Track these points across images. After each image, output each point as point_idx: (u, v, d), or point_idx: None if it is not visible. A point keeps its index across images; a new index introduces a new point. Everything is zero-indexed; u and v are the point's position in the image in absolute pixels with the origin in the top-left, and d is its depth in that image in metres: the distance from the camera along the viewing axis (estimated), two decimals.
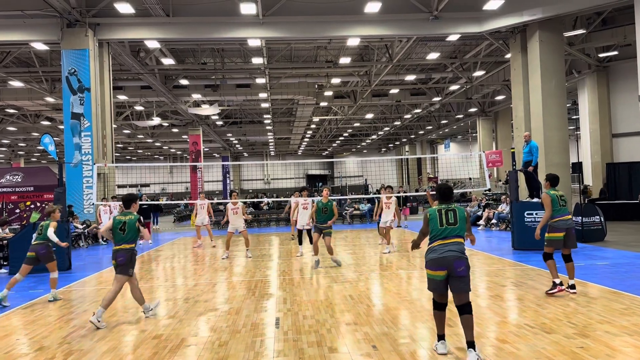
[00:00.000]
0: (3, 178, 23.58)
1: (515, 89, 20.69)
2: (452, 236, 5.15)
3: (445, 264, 5.07)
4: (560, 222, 7.73)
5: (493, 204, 21.65)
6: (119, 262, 6.97)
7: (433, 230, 5.23)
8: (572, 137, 35.22)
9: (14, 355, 5.68)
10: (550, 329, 5.92)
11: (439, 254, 5.09)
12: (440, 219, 5.20)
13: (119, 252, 6.99)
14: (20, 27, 18.30)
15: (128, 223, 7.04)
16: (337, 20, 19.12)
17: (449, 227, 5.18)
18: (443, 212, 5.23)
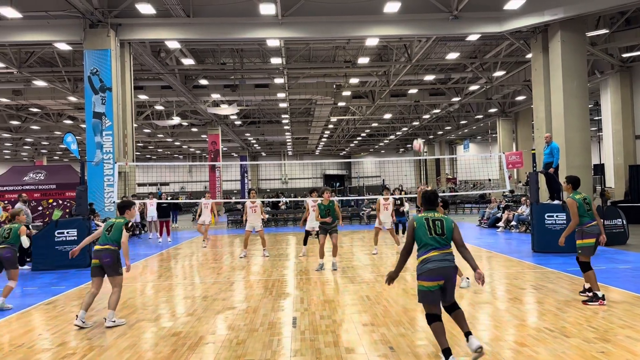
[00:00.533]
0: (26, 176, 24.08)
1: (536, 89, 20.42)
2: (444, 246, 4.99)
3: (444, 273, 4.92)
4: (592, 227, 7.39)
5: (513, 205, 21.42)
6: (106, 262, 6.90)
7: (422, 239, 5.00)
8: (594, 139, 34.69)
9: (36, 350, 5.80)
10: (570, 333, 5.85)
11: (436, 263, 4.89)
12: (428, 229, 5.00)
13: (104, 252, 6.92)
14: (44, 28, 18.63)
15: (115, 224, 7.10)
16: (356, 20, 19.09)
17: (437, 237, 4.98)
18: (430, 221, 5.04)
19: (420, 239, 4.99)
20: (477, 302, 7.53)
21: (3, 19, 17.93)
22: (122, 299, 8.41)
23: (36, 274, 11.63)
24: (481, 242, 15.42)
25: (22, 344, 6.03)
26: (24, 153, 59.95)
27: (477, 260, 9.56)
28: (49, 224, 12.44)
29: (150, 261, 13.42)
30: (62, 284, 10.12)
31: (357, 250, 14.19)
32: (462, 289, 8.39)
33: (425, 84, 31.36)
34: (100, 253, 6.94)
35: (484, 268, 10.85)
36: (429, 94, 34.79)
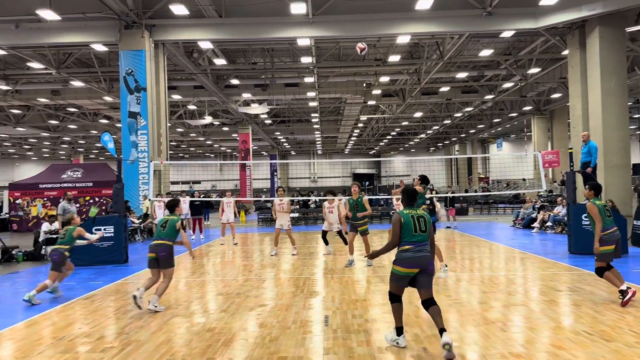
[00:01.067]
0: (65, 174, 24.80)
1: (573, 87, 19.94)
2: (424, 242, 5.44)
3: (420, 263, 5.36)
4: (611, 234, 7.44)
5: (548, 205, 20.96)
6: (161, 256, 7.55)
7: (406, 235, 5.40)
8: (633, 137, 33.66)
9: (76, 344, 5.97)
10: (610, 337, 5.69)
11: (413, 253, 5.35)
12: (413, 226, 5.40)
13: (160, 247, 7.58)
14: (82, 30, 19.15)
15: (170, 221, 7.75)
16: (387, 17, 18.99)
17: (421, 234, 5.42)
18: (415, 218, 5.43)
19: (406, 234, 5.40)
20: (511, 304, 7.41)
21: (42, 21, 18.47)
22: None
23: (74, 269, 11.93)
24: (515, 243, 15.15)
25: (63, 337, 6.22)
26: (61, 151, 61.73)
27: (510, 261, 9.41)
28: (87, 221, 12.77)
29: (183, 258, 13.64)
30: (100, 279, 10.38)
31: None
32: (441, 278, 8.66)
33: (458, 81, 30.98)
34: (157, 247, 7.59)
35: (517, 269, 10.67)
36: (461, 92, 34.33)
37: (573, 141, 19.76)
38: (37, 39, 19.27)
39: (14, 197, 24.48)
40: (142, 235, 18.62)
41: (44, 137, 47.40)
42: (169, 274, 7.66)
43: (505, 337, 5.81)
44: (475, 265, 11.36)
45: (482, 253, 13.41)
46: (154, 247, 7.61)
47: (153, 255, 7.61)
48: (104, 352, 5.59)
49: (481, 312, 6.98)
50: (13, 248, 13.67)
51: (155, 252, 7.59)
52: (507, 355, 5.20)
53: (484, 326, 6.26)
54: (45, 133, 43.77)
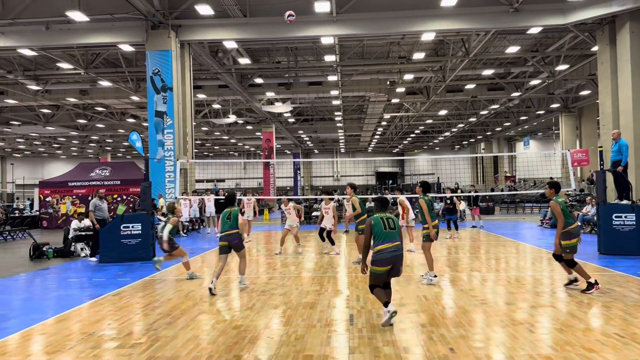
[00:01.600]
0: (93, 172, 25.28)
1: (603, 84, 19.50)
2: (394, 240, 6.34)
3: (394, 261, 6.34)
4: (576, 228, 8.14)
5: (577, 205, 20.55)
6: (234, 243, 8.80)
7: (378, 233, 6.36)
8: None
9: (105, 339, 6.08)
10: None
11: (389, 254, 6.29)
12: (383, 225, 6.39)
13: (232, 236, 8.79)
14: (109, 30, 19.49)
15: (232, 212, 8.88)
16: (412, 15, 18.85)
17: (390, 231, 6.37)
18: (384, 219, 6.45)
19: (377, 233, 6.36)
20: (538, 305, 7.29)
21: (72, 23, 18.85)
22: (184, 292, 8.72)
23: (103, 265, 12.20)
24: (542, 243, 14.90)
25: (93, 333, 6.34)
26: (89, 150, 62.96)
27: (537, 261, 9.25)
28: (115, 218, 13.00)
29: (208, 255, 13.80)
30: (128, 276, 10.56)
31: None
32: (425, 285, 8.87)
33: (483, 78, 30.59)
34: (229, 237, 8.77)
35: (544, 270, 10.49)
36: (487, 89, 33.85)
37: (602, 139, 19.33)
38: (67, 40, 19.68)
39: (44, 194, 25.06)
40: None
41: (72, 136, 48.40)
42: (242, 254, 9.00)
43: (533, 338, 5.72)
44: (502, 265, 11.21)
45: (508, 253, 13.23)
46: (226, 237, 8.75)
47: (226, 243, 8.75)
48: (132, 348, 5.68)
49: (508, 312, 6.89)
50: (44, 245, 14.01)
51: (228, 240, 8.73)
52: (535, 356, 5.12)
53: (511, 327, 6.18)
54: (74, 132, 44.69)
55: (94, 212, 13.08)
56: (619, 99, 18.50)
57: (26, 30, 19.44)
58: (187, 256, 10.31)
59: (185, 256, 10.23)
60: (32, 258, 13.55)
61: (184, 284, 9.64)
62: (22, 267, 12.25)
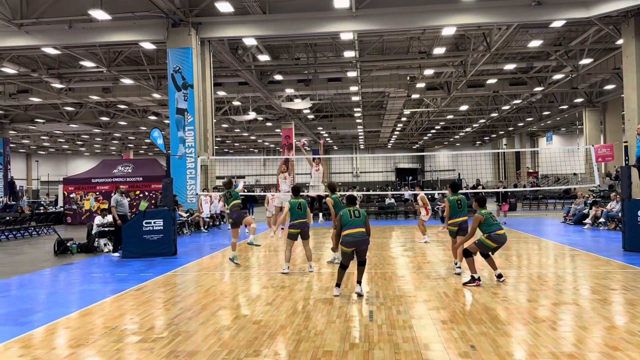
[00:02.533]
0: (116, 169, 25.64)
1: (628, 77, 19.08)
2: (358, 226, 7.70)
3: (355, 244, 7.69)
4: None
5: (601, 201, 20.18)
6: (305, 230, 9.86)
7: (345, 222, 7.74)
8: None
9: (127, 333, 6.18)
10: None
11: (352, 237, 7.66)
12: (349, 214, 7.79)
13: (303, 224, 9.82)
14: (131, 28, 19.73)
15: (302, 203, 9.87)
16: (432, 9, 18.68)
17: (356, 219, 7.74)
18: (351, 210, 7.85)
19: (345, 221, 7.75)
20: (561, 302, 7.19)
21: (94, 21, 19.13)
22: (204, 287, 8.81)
23: (125, 261, 12.37)
24: (565, 240, 14.67)
25: (115, 327, 6.45)
26: (112, 147, 63.91)
27: (560, 258, 9.11)
28: (138, 214, 13.17)
29: (229, 251, 13.89)
30: (150, 271, 10.69)
31: (431, 246, 13.95)
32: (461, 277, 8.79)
33: (505, 73, 30.17)
34: (301, 224, 9.81)
35: (567, 267, 10.33)
36: (508, 84, 33.39)
37: (628, 134, 18.92)
38: (89, 39, 19.98)
39: (68, 191, 25.49)
40: (190, 228, 19.06)
41: (95, 133, 49.18)
42: (308, 242, 10.12)
43: (556, 335, 5.64)
44: (524, 262, 11.07)
45: (530, 250, 13.06)
46: (298, 225, 9.78)
47: (298, 231, 9.79)
48: (154, 342, 5.76)
49: (530, 309, 6.81)
50: (68, 240, 14.26)
51: (300, 228, 9.77)
52: (558, 354, 5.05)
53: (533, 324, 6.10)
54: (97, 129, 45.40)
55: (116, 208, 13.26)
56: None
57: (49, 29, 19.79)
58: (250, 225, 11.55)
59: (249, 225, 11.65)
60: (56, 253, 13.81)
61: (204, 279, 9.74)
62: (47, 262, 12.50)
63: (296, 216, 9.81)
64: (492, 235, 8.58)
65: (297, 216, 9.81)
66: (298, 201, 9.92)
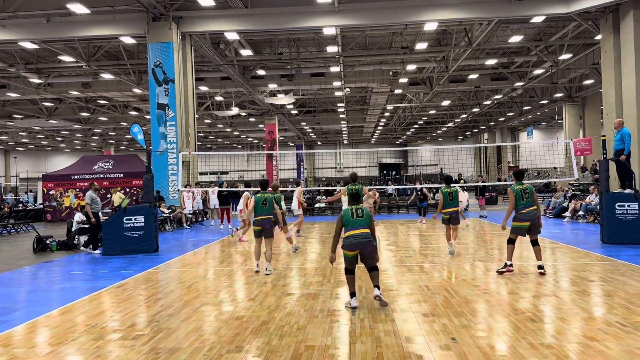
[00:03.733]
0: (96, 165, 25.34)
1: (606, 73, 19.37)
2: (362, 226, 6.88)
3: (358, 247, 6.83)
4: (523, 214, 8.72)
5: (580, 194, 20.50)
6: (267, 227, 9.32)
7: (347, 222, 6.94)
8: None
9: (108, 331, 6.12)
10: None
11: (355, 239, 6.82)
12: (351, 214, 6.99)
13: (265, 221, 9.34)
14: (110, 23, 19.44)
15: (268, 198, 9.40)
16: (414, 4, 18.74)
17: (358, 219, 6.93)
18: (354, 209, 7.03)
19: (346, 221, 6.96)
20: (541, 294, 7.29)
21: (72, 15, 18.81)
22: (186, 284, 8.76)
23: (106, 258, 12.24)
24: (546, 233, 14.87)
25: (96, 325, 6.38)
26: (92, 143, 63.06)
27: (541, 250, 9.22)
28: (118, 211, 13.02)
29: (212, 247, 13.84)
30: (131, 268, 10.60)
31: (414, 240, 14.05)
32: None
33: (487, 68, 30.41)
34: (262, 221, 9.36)
35: (548, 259, 10.48)
36: (490, 79, 33.67)
37: (606, 128, 19.23)
38: (68, 33, 19.66)
39: (48, 188, 25.14)
40: (172, 225, 18.92)
41: (75, 129, 48.45)
42: (270, 241, 9.50)
43: (535, 327, 5.72)
44: (504, 255, 11.18)
45: None
46: (261, 222, 9.33)
47: (260, 228, 9.34)
48: (135, 340, 5.71)
49: (510, 302, 6.89)
50: (47, 238, 14.06)
51: (262, 225, 9.31)
52: (537, 345, 5.12)
53: (513, 316, 6.18)
54: (77, 125, 44.74)
55: (90, 205, 12.96)
56: (622, 88, 18.39)
57: (27, 23, 19.41)
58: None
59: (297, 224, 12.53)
60: (35, 251, 13.61)
61: (186, 276, 9.68)
62: (25, 260, 12.31)
63: (259, 212, 9.41)
64: (516, 216, 8.76)
65: (260, 212, 9.41)
66: (263, 196, 9.48)
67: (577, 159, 13.86)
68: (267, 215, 9.37)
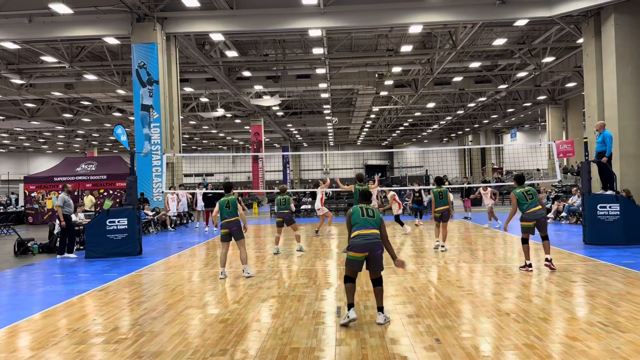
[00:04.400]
0: (79, 167, 25.03)
1: (588, 75, 19.64)
2: (371, 226, 6.24)
3: (368, 248, 6.11)
4: (529, 214, 9.08)
5: (563, 196, 20.75)
6: (234, 230, 9.18)
7: (356, 221, 6.32)
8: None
9: (91, 334, 6.04)
10: (626, 328, 5.63)
11: (364, 239, 6.13)
12: (361, 212, 6.38)
13: (232, 223, 9.16)
14: (94, 23, 19.24)
15: (230, 200, 9.23)
16: (400, 7, 18.83)
17: (368, 218, 6.31)
18: (364, 208, 6.45)
19: (355, 220, 6.34)
20: (524, 295, 7.35)
21: (55, 15, 18.59)
22: (170, 287, 8.69)
23: (89, 261, 12.09)
24: None
25: (78, 328, 6.29)
26: (75, 145, 62.30)
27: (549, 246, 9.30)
28: (101, 213, 12.88)
29: (197, 250, 13.74)
30: (114, 271, 10.48)
31: (400, 241, 14.10)
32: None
33: (471, 71, 30.67)
34: (229, 224, 9.17)
35: (531, 260, 10.57)
36: (474, 82, 33.98)
37: (588, 131, 19.49)
38: (50, 33, 19.41)
39: (29, 190, 24.77)
40: (156, 227, 18.76)
41: (58, 130, 47.85)
42: (242, 243, 9.37)
43: (519, 328, 5.77)
44: (489, 256, 11.28)
45: (495, 244, 13.33)
46: (226, 224, 9.14)
47: (227, 231, 9.16)
48: (118, 343, 5.65)
49: (494, 303, 6.94)
50: (29, 241, 13.85)
51: (229, 227, 9.13)
52: (520, 346, 5.17)
53: (497, 317, 6.23)
54: (60, 126, 44.18)
55: (62, 208, 12.58)
56: (604, 91, 18.65)
57: (8, 23, 19.13)
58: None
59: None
60: (16, 254, 13.40)
61: (171, 278, 9.60)
62: (6, 264, 12.12)
63: (224, 215, 9.22)
64: (522, 216, 9.09)
65: (225, 215, 9.21)
66: (227, 199, 9.29)
67: (559, 161, 14.02)
68: (233, 217, 9.20)
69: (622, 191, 13.24)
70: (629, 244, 11.70)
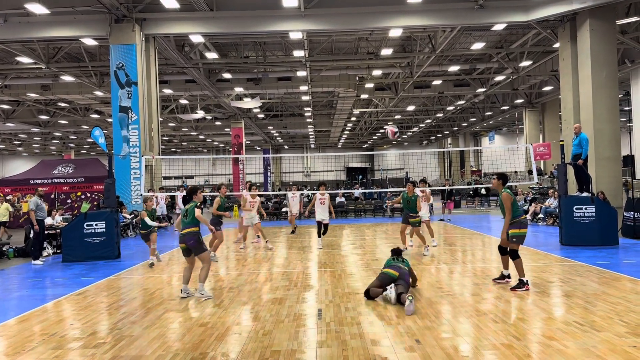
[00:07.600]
0: (55, 169, 24.62)
1: (564, 79, 20.02)
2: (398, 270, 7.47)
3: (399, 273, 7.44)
4: (525, 219, 8.11)
5: (540, 198, 21.08)
6: (190, 244, 7.84)
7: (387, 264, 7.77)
8: (623, 130, 33.84)
9: (68, 339, 5.94)
10: (601, 327, 5.74)
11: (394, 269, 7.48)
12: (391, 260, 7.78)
13: (187, 236, 7.85)
14: (71, 24, 18.95)
15: (189, 209, 7.95)
16: (380, 11, 18.94)
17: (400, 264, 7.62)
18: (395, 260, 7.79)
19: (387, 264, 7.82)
20: (503, 296, 7.45)
21: (31, 15, 18.27)
22: (150, 290, 8.60)
23: (66, 265, 11.89)
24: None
25: (55, 333, 6.18)
26: (52, 147, 61.26)
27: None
28: (78, 217, 12.68)
29: (177, 253, 13.61)
30: (92, 275, 10.33)
31: (381, 243, 14.16)
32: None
33: (450, 75, 30.99)
34: (184, 237, 7.89)
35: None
36: (453, 85, 34.36)
37: (564, 134, 19.86)
38: (26, 33, 19.07)
39: (5, 193, 24.24)
40: (135, 230, 18.53)
41: (34, 132, 47.01)
42: (203, 258, 7.95)
43: (497, 328, 5.84)
44: (468, 258, 11.41)
45: (474, 245, 13.48)
46: (182, 238, 7.90)
47: (183, 245, 7.93)
48: (96, 348, 5.56)
49: (473, 303, 7.02)
50: (4, 245, 13.57)
51: (184, 241, 7.88)
52: (499, 346, 5.24)
53: (475, 318, 6.30)
54: (36, 128, 43.40)
55: (35, 212, 12.24)
56: (579, 94, 19.03)
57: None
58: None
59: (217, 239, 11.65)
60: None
61: (150, 282, 9.49)
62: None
63: (182, 226, 7.99)
64: (516, 222, 7.83)
65: (183, 226, 7.99)
66: (185, 208, 8.06)
67: (536, 163, 14.24)
68: (189, 228, 7.85)
69: (597, 193, 13.50)
70: (604, 245, 11.93)
